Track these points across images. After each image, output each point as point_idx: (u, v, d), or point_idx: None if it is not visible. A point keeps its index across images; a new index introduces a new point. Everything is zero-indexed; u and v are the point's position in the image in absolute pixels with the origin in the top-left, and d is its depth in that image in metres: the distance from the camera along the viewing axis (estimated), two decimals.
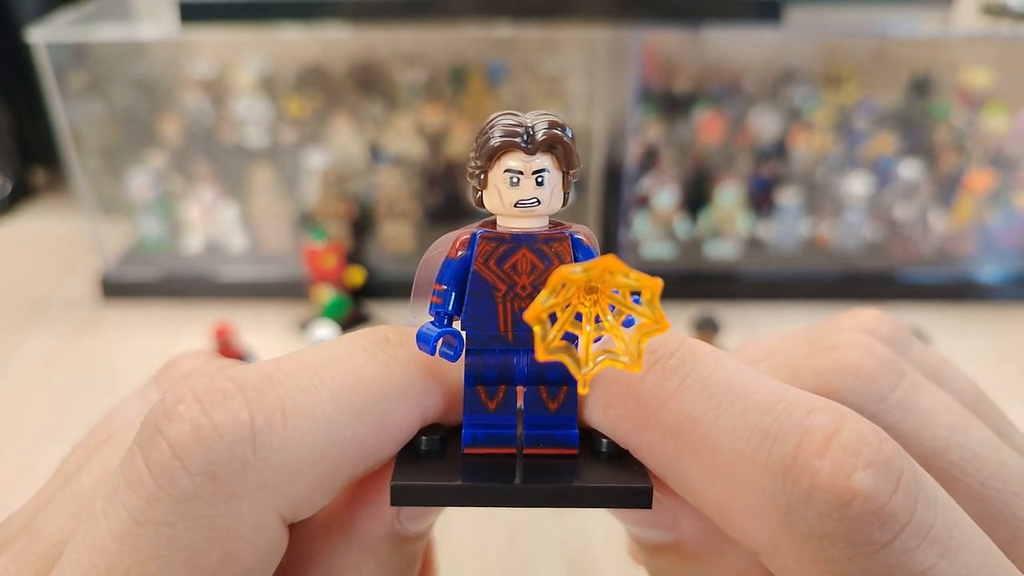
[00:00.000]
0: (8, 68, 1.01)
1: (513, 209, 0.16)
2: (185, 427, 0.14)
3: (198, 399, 0.14)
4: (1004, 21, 0.84)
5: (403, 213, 0.89)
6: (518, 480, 0.16)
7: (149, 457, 0.14)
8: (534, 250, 0.16)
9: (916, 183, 0.88)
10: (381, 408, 0.16)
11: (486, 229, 0.16)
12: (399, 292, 0.87)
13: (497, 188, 0.16)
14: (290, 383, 0.15)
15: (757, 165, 0.92)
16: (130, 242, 0.93)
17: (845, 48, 0.95)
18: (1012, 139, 0.88)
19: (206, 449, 0.13)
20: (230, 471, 0.13)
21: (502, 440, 0.16)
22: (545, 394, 0.16)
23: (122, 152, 0.94)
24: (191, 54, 0.96)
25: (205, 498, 0.13)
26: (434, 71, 0.95)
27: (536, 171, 0.15)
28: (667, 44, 0.95)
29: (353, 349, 0.16)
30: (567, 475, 0.16)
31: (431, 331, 0.16)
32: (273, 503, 0.14)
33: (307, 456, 0.14)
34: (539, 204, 0.15)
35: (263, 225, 0.91)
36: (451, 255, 0.16)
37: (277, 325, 0.82)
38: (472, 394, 0.16)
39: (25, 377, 0.75)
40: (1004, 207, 0.88)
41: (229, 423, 0.14)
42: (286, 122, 0.94)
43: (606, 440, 0.16)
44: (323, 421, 0.15)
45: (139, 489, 0.13)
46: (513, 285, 0.16)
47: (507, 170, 0.15)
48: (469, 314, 0.16)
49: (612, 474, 0.16)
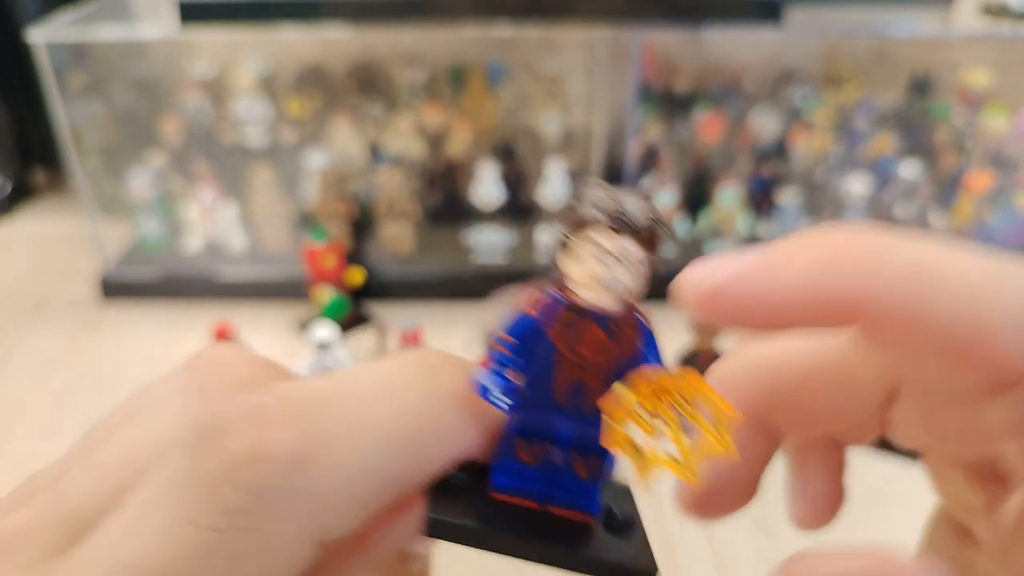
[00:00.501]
0: (8, 68, 1.01)
1: (594, 283, 0.16)
2: (242, 446, 0.14)
3: (256, 420, 0.14)
4: (1004, 21, 0.84)
5: (403, 213, 0.89)
6: (534, 536, 0.16)
7: (203, 466, 0.14)
8: (605, 328, 0.16)
9: (916, 183, 0.88)
10: (422, 445, 0.16)
11: (561, 294, 0.16)
12: (399, 292, 0.87)
13: (583, 259, 0.16)
14: (341, 411, 0.15)
15: (757, 165, 0.92)
16: (130, 242, 0.93)
17: (845, 48, 0.95)
18: (1012, 139, 0.88)
19: (260, 470, 0.14)
20: (278, 493, 0.14)
21: (528, 493, 0.17)
22: (578, 460, 0.17)
23: (122, 152, 0.94)
24: (191, 54, 0.96)
25: (252, 513, 0.14)
26: (434, 71, 0.95)
27: (624, 252, 0.15)
28: (667, 44, 0.95)
29: (405, 382, 0.16)
30: (582, 542, 0.17)
31: (489, 381, 0.17)
32: (311, 526, 0.14)
33: (348, 487, 0.15)
34: (622, 285, 0.16)
35: (263, 225, 0.91)
36: (527, 311, 0.17)
37: (277, 325, 0.82)
38: (509, 443, 0.17)
39: (25, 377, 0.75)
40: (1004, 207, 0.88)
41: (284, 448, 0.14)
42: (286, 122, 0.94)
43: (619, 514, 0.17)
44: (366, 454, 0.15)
45: (192, 491, 0.14)
46: (577, 354, 0.16)
47: (598, 245, 0.15)
48: (529, 371, 0.16)
49: (623, 551, 0.17)
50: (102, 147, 0.94)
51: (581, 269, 0.16)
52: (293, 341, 0.80)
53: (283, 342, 0.80)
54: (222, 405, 0.15)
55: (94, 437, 0.17)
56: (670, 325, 0.76)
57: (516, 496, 0.17)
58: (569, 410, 0.17)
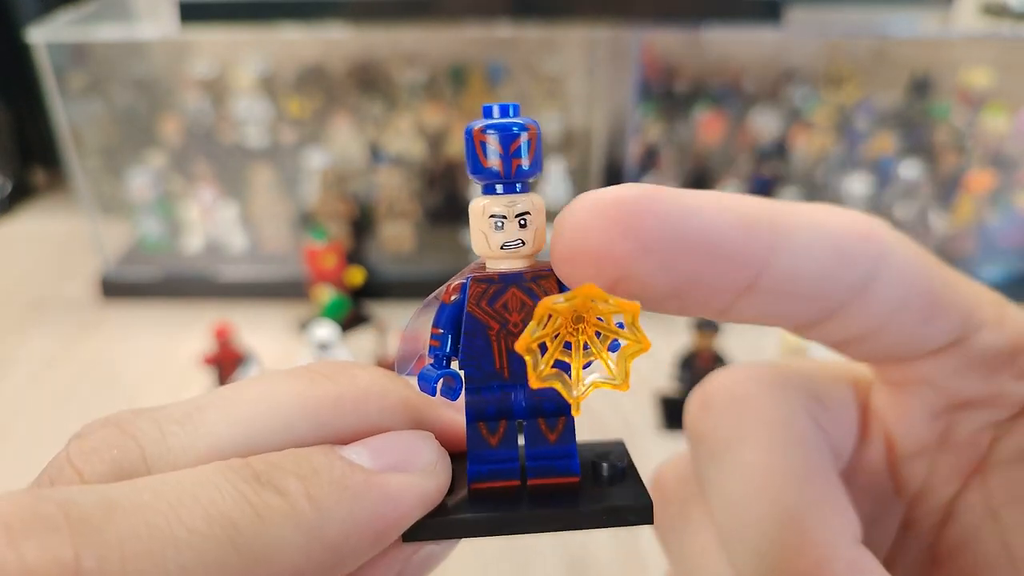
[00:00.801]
0: (8, 68, 1.01)
1: (499, 251, 0.16)
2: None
3: (7, 526, 0.11)
4: (1004, 21, 0.84)
5: (403, 213, 0.89)
6: (525, 508, 0.16)
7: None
8: (523, 288, 0.17)
9: (916, 183, 0.88)
10: (246, 567, 0.13)
11: (475, 273, 0.17)
12: (399, 292, 0.87)
13: (483, 233, 0.16)
14: (138, 517, 0.12)
15: (757, 165, 0.92)
16: (130, 242, 0.93)
17: (845, 48, 0.95)
18: (1012, 139, 0.88)
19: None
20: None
21: (506, 474, 0.17)
22: (544, 426, 0.17)
23: (122, 152, 0.94)
24: (191, 54, 0.96)
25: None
26: (434, 71, 0.95)
27: (519, 214, 0.16)
28: (667, 44, 0.95)
29: (222, 485, 0.13)
30: (571, 500, 0.17)
31: (431, 373, 0.17)
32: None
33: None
34: (523, 245, 0.16)
35: (263, 225, 0.91)
36: (445, 300, 0.17)
37: (277, 325, 0.82)
38: (474, 431, 0.17)
39: (25, 377, 0.75)
40: (1004, 207, 0.88)
41: (44, 563, 0.11)
42: (286, 122, 0.94)
43: (606, 464, 0.17)
44: (175, 571, 0.12)
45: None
46: (505, 323, 0.17)
47: (492, 215, 0.16)
48: (466, 354, 0.17)
49: (614, 495, 0.17)
50: (102, 147, 0.94)
51: (485, 241, 0.16)
52: (293, 341, 0.80)
53: (283, 342, 0.80)
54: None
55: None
56: (671, 325, 0.76)
57: (496, 480, 0.17)
58: (517, 379, 0.17)
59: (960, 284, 0.17)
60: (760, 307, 0.15)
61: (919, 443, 0.18)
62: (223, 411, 0.15)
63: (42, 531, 0.11)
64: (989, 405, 0.17)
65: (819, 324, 0.16)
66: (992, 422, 0.18)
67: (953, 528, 0.18)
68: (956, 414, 0.18)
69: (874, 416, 0.19)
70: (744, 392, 0.18)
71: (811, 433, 0.17)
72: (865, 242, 0.15)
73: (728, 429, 0.17)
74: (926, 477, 0.19)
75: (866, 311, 0.16)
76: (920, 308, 0.16)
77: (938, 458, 0.18)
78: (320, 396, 0.16)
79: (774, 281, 0.15)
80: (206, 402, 0.15)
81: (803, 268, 0.15)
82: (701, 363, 0.69)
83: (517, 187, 0.16)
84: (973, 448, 0.18)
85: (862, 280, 0.15)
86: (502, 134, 0.16)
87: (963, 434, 0.18)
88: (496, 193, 0.16)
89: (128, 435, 0.14)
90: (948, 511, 0.18)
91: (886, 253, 0.15)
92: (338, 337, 0.69)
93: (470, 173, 0.16)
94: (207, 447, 0.15)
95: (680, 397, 0.71)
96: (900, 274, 0.15)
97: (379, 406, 0.17)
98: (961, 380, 0.17)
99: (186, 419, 0.15)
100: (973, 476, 0.18)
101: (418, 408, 0.17)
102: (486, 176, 0.16)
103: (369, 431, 0.16)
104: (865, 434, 0.19)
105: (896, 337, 0.16)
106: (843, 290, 0.15)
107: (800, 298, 0.15)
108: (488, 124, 0.16)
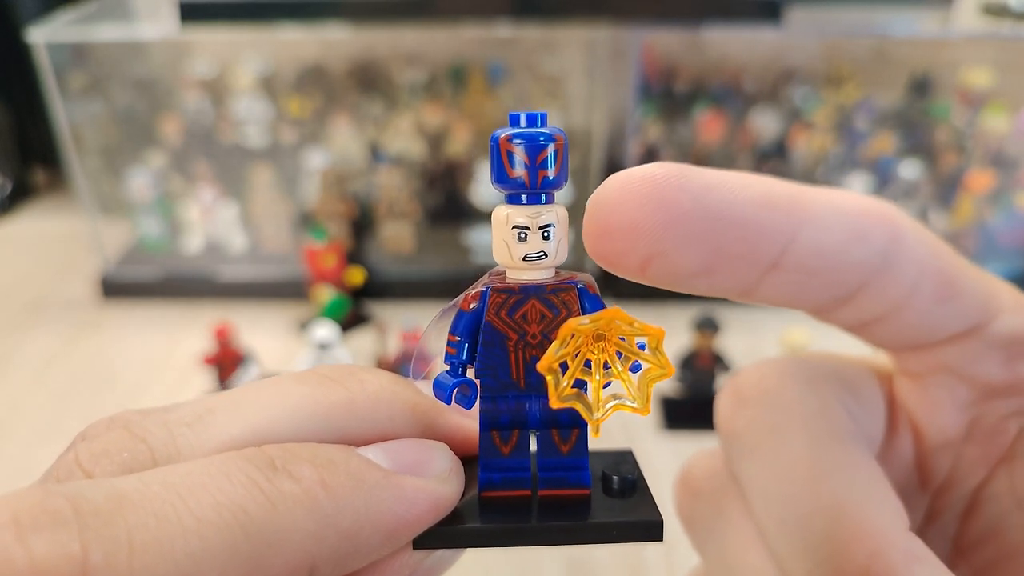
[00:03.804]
0: (8, 68, 1.01)
1: (521, 263, 0.16)
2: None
3: (16, 520, 0.11)
4: (1004, 21, 0.84)
5: (403, 213, 0.89)
6: (534, 520, 0.16)
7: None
8: (543, 300, 0.16)
9: (916, 183, 0.88)
10: (257, 552, 0.13)
11: (495, 282, 0.17)
12: (399, 292, 0.87)
13: (506, 242, 0.16)
14: (146, 509, 0.12)
15: (757, 165, 0.92)
16: (130, 242, 0.93)
17: (845, 48, 0.95)
18: (1012, 139, 0.88)
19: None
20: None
21: (516, 483, 0.17)
22: (557, 438, 0.17)
23: (122, 152, 0.94)
24: (191, 54, 0.96)
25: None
26: (434, 71, 0.95)
27: (543, 226, 0.16)
28: (667, 44, 0.95)
29: (233, 473, 0.13)
30: (582, 513, 0.17)
31: (447, 380, 0.17)
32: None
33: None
34: (545, 257, 0.16)
35: (263, 225, 0.91)
36: (464, 307, 0.17)
37: (277, 325, 0.82)
38: (487, 439, 0.17)
39: (25, 377, 0.75)
40: (1004, 207, 0.88)
41: (52, 557, 0.11)
42: (286, 122, 0.94)
43: (616, 477, 0.17)
44: (183, 560, 0.12)
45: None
46: (524, 334, 0.17)
47: (515, 226, 0.16)
48: (482, 363, 0.17)
49: (624, 510, 0.17)
50: (102, 147, 0.94)
51: (507, 251, 0.16)
52: (293, 341, 0.80)
53: (283, 342, 0.80)
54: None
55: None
56: (671, 325, 0.76)
57: (507, 489, 0.17)
58: (533, 390, 0.17)
59: (976, 272, 0.17)
60: (784, 286, 0.16)
61: (947, 434, 0.18)
62: (233, 413, 0.15)
63: (51, 526, 0.11)
64: (1014, 393, 0.17)
65: (839, 305, 0.16)
66: (1018, 410, 0.17)
67: (977, 519, 0.18)
68: (982, 404, 0.18)
69: (900, 409, 0.19)
70: (776, 386, 0.18)
71: (848, 424, 0.17)
72: (881, 222, 0.16)
73: (764, 424, 0.17)
74: (951, 468, 0.18)
75: (884, 291, 0.16)
76: (935, 288, 0.16)
77: (964, 449, 0.18)
78: (331, 400, 0.16)
79: (798, 257, 0.15)
80: (216, 404, 0.15)
81: (825, 244, 0.15)
82: (701, 363, 0.69)
83: (542, 198, 0.16)
84: (999, 437, 0.18)
85: (879, 257, 0.15)
86: (529, 144, 0.16)
87: (989, 423, 0.18)
88: (520, 203, 0.16)
89: (138, 438, 0.14)
90: (973, 502, 0.18)
91: (901, 234, 0.16)
92: (338, 337, 0.69)
93: (494, 182, 0.16)
94: (217, 449, 0.15)
95: (680, 397, 0.71)
96: (915, 254, 0.16)
97: (389, 411, 0.17)
98: (983, 367, 0.17)
99: (196, 421, 0.15)
100: (999, 466, 0.18)
101: (427, 413, 0.17)
102: (511, 186, 0.16)
103: (379, 436, 0.16)
104: (894, 427, 0.19)
105: (915, 318, 0.16)
106: (861, 268, 0.16)
107: (822, 276, 0.16)
108: (515, 133, 0.16)
